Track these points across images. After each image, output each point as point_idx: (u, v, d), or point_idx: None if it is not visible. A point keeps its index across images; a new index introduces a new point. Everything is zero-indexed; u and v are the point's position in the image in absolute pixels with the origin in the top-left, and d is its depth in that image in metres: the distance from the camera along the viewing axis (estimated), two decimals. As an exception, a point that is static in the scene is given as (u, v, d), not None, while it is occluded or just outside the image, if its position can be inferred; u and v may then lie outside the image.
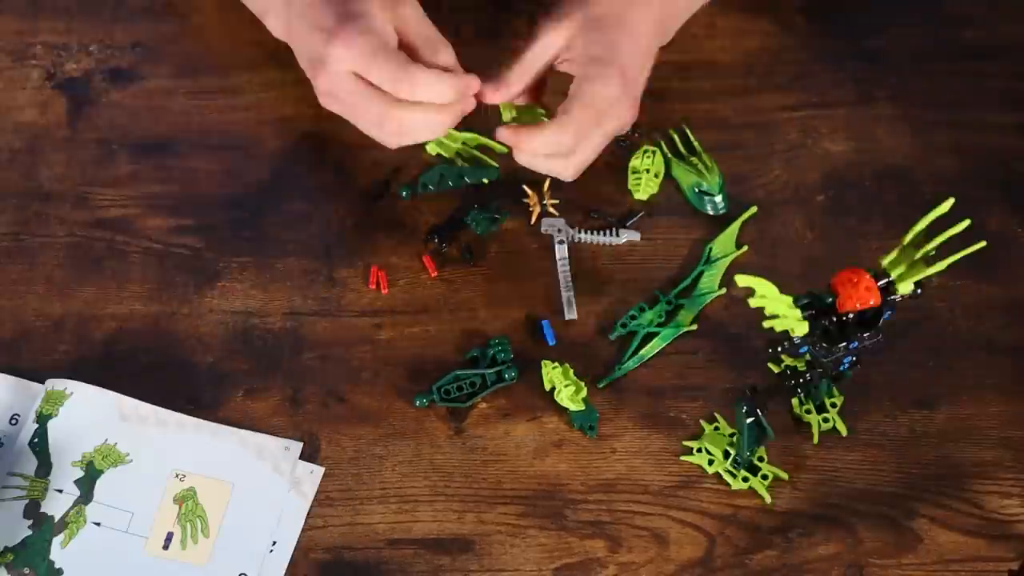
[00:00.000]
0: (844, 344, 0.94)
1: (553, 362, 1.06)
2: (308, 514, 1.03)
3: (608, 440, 1.05)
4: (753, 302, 0.91)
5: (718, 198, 1.13)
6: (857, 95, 1.20)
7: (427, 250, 1.12)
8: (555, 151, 1.06)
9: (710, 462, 1.03)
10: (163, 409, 1.06)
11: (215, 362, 1.08)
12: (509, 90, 1.07)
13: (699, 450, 1.04)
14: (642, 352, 1.08)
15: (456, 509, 1.03)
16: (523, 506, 1.03)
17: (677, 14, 1.14)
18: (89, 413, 1.05)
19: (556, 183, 1.14)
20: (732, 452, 1.03)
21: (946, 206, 0.93)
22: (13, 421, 1.05)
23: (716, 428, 1.05)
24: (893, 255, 0.95)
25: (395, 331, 1.10)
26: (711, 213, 1.14)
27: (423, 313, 1.11)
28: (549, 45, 1.07)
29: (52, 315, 1.10)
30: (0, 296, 1.11)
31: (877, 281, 0.94)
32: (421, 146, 1.15)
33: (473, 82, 1.05)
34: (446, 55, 1.06)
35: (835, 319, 0.94)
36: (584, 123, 1.05)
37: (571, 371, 1.05)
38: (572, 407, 1.05)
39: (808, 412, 1.05)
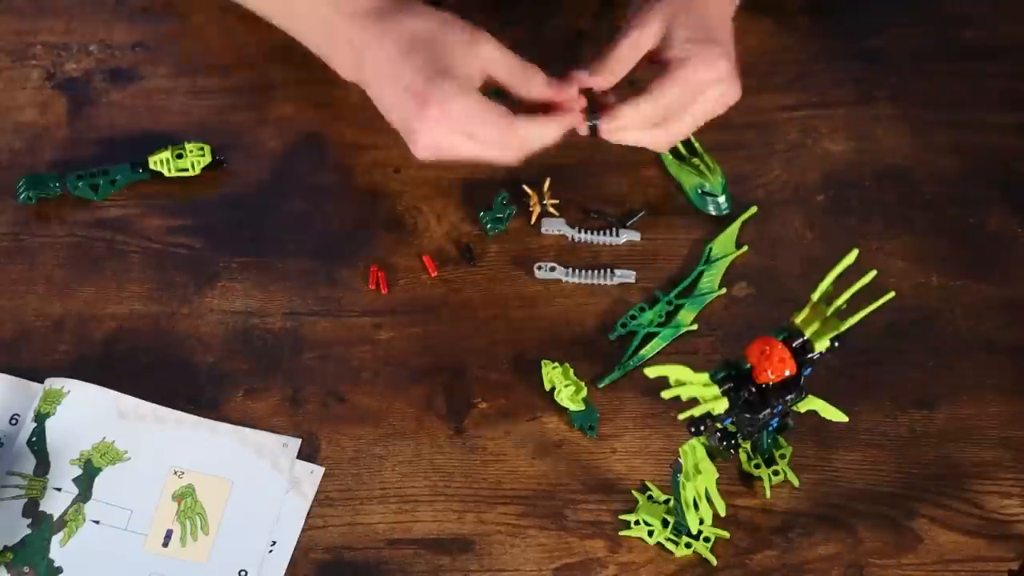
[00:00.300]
0: (768, 410, 0.93)
1: (553, 362, 1.06)
2: (308, 514, 1.03)
3: (608, 440, 1.05)
4: (667, 393, 0.89)
5: (721, 199, 1.13)
6: (857, 95, 1.20)
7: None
8: (643, 125, 1.05)
9: (650, 533, 1.01)
10: (161, 406, 1.06)
11: (215, 362, 1.08)
12: (612, 77, 1.06)
13: (636, 522, 1.01)
14: (642, 352, 1.08)
15: (456, 509, 1.03)
16: (523, 506, 1.03)
17: None
18: (86, 411, 1.05)
19: (556, 184, 1.14)
20: (670, 520, 1.00)
21: (851, 258, 0.91)
22: (13, 421, 1.05)
23: (650, 497, 1.02)
24: (804, 313, 0.93)
25: (395, 331, 1.10)
26: (714, 213, 1.14)
27: (423, 313, 1.11)
28: (648, 32, 1.06)
29: (52, 315, 1.10)
30: (0, 296, 1.11)
31: (792, 340, 0.92)
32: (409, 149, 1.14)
33: (574, 95, 1.04)
34: (538, 82, 1.05)
35: (754, 389, 0.92)
36: (679, 102, 1.05)
37: (571, 371, 1.05)
38: (572, 407, 1.05)
39: (757, 467, 1.03)
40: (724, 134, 1.18)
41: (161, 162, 1.13)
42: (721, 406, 0.91)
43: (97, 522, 1.01)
